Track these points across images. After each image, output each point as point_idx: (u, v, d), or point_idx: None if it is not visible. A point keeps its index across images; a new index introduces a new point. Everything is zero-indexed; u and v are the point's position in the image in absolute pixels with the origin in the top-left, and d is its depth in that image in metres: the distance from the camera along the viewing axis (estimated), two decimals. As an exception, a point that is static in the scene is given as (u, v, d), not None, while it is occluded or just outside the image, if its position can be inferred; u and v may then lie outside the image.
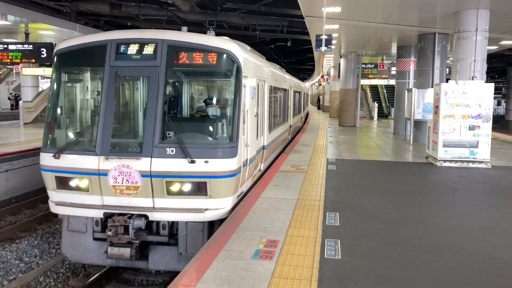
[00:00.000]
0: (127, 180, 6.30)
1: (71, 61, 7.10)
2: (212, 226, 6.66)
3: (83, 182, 6.53)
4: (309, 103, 49.66)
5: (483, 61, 12.03)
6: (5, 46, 17.28)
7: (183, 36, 6.72)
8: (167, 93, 6.83)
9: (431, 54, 16.25)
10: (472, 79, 11.70)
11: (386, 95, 36.70)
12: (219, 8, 19.34)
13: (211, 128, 6.98)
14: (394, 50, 22.28)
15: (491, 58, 30.93)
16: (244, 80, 7.03)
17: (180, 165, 6.25)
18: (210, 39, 6.72)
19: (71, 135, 7.02)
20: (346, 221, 6.38)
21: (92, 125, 6.92)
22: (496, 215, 6.99)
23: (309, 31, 17.51)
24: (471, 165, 11.19)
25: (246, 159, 7.40)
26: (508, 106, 47.16)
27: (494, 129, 16.66)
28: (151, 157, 6.26)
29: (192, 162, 6.21)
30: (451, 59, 13.33)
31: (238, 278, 4.36)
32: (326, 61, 33.02)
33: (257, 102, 8.43)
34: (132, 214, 6.42)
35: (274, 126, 11.27)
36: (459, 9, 12.07)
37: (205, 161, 6.25)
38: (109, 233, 6.20)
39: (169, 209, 6.43)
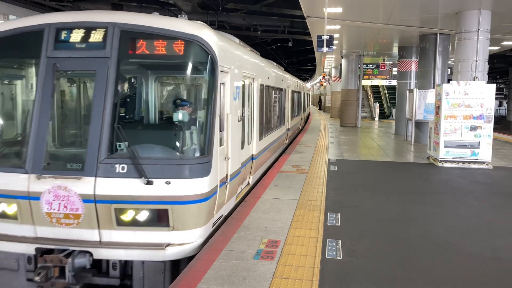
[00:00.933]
0: (64, 206, 4.91)
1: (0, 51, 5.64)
2: (177, 266, 5.21)
3: (11, 208, 5.11)
4: (310, 103, 49.63)
5: (485, 61, 12.05)
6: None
7: (142, 19, 5.32)
8: (120, 92, 5.42)
9: (433, 54, 16.28)
10: (474, 79, 11.70)
11: (387, 95, 36.73)
12: (220, 8, 19.36)
13: (175, 138, 5.45)
14: (395, 50, 22.31)
15: (493, 58, 30.91)
16: (222, 76, 5.77)
17: (133, 187, 4.87)
18: (176, 23, 5.31)
19: None
20: (347, 221, 6.38)
21: (21, 134, 5.45)
22: (497, 216, 6.99)
23: (310, 31, 17.52)
24: (472, 165, 11.19)
25: (226, 175, 6.12)
26: (510, 106, 47.25)
27: (495, 129, 16.65)
28: (96, 177, 4.88)
29: (149, 183, 4.84)
30: (453, 59, 13.34)
31: (240, 278, 4.37)
32: (327, 62, 33.06)
33: (242, 104, 7.23)
34: (73, 250, 5.00)
35: (267, 131, 10.06)
36: (461, 9, 12.07)
37: (166, 182, 4.88)
38: (37, 278, 4.72)
39: (120, 244, 5.00)
